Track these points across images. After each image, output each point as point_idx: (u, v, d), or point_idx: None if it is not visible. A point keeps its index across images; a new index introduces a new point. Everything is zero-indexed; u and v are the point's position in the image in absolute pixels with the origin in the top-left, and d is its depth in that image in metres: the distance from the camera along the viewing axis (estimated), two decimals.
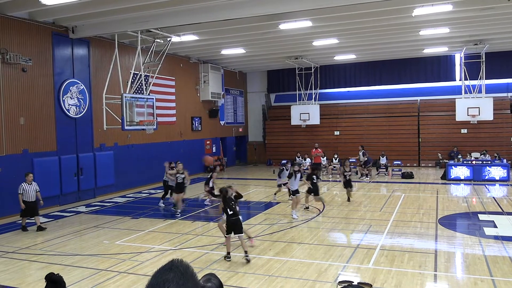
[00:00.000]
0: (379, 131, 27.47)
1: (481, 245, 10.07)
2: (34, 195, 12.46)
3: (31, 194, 12.38)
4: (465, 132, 25.64)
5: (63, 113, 16.34)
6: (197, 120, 25.55)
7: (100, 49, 18.07)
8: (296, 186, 14.04)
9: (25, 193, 12.29)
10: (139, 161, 20.19)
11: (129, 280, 8.27)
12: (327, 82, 29.03)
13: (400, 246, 10.26)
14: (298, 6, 13.32)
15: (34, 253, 10.23)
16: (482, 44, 21.49)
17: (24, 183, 12.38)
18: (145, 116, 16.38)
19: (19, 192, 12.26)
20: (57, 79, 16.16)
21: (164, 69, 20.00)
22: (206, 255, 9.82)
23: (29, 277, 8.60)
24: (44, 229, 12.38)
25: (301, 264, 8.93)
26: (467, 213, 13.89)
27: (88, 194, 17.50)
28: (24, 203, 12.22)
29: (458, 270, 8.64)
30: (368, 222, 12.63)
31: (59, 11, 14.46)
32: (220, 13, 14.09)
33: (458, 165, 21.01)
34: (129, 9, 14.06)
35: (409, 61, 26.83)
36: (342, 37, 19.88)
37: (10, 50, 14.20)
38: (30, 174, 12.69)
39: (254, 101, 32.30)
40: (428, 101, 27.44)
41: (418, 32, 18.99)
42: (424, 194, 17.34)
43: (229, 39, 19.84)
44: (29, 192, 12.35)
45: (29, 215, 12.44)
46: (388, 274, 8.18)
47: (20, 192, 12.26)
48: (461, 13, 15.67)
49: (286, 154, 27.52)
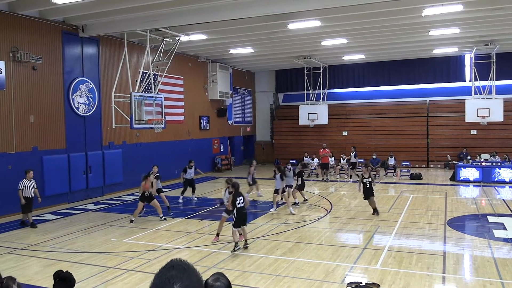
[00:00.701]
0: (388, 132, 27.34)
1: (490, 247, 9.99)
2: (33, 191, 12.70)
3: (30, 191, 12.62)
4: (474, 133, 25.43)
5: (72, 111, 16.46)
6: (205, 119, 25.59)
7: (109, 47, 18.17)
8: (279, 185, 14.35)
9: (26, 189, 12.51)
10: (147, 160, 20.23)
11: (137, 278, 8.31)
12: (336, 82, 28.95)
13: (408, 247, 10.20)
14: (306, 6, 13.32)
15: (43, 250, 10.32)
16: (492, 45, 21.30)
17: (24, 180, 12.58)
18: (154, 114, 16.43)
19: (20, 188, 12.46)
20: (67, 77, 16.27)
21: (172, 68, 20.06)
22: (213, 254, 9.83)
23: (38, 274, 8.66)
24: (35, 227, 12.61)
25: (309, 264, 8.91)
26: (476, 215, 13.78)
27: (97, 192, 17.61)
28: (24, 199, 12.44)
29: (467, 273, 8.58)
30: (376, 223, 12.57)
31: (69, 10, 14.57)
32: (229, 13, 14.11)
33: (467, 167, 20.84)
34: (139, 8, 14.13)
35: (418, 62, 26.66)
36: (351, 37, 19.80)
37: (21, 49, 14.32)
38: (31, 171, 12.87)
39: (262, 101, 32.30)
40: (437, 102, 27.26)
41: (427, 32, 18.87)
42: (432, 195, 17.23)
43: (238, 39, 19.85)
44: (29, 188, 12.58)
45: (29, 210, 12.67)
46: (396, 276, 8.14)
47: (20, 188, 12.45)
48: (471, 13, 15.54)
49: (294, 154, 27.47)
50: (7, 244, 10.91)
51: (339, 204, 15.66)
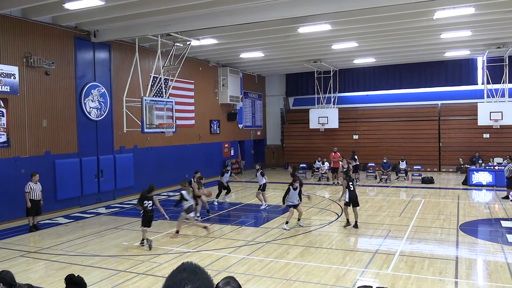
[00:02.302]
0: (399, 136, 27.15)
1: (504, 252, 9.86)
2: (39, 194, 12.85)
3: (37, 193, 12.78)
4: (487, 137, 25.14)
5: (84, 115, 16.62)
6: (215, 123, 25.67)
7: (121, 52, 18.33)
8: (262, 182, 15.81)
9: (32, 192, 12.67)
10: (158, 164, 20.38)
11: (148, 281, 8.34)
12: (346, 85, 28.85)
13: (420, 252, 10.11)
14: (317, 9, 13.31)
15: (55, 253, 10.41)
16: (505, 47, 21.08)
17: (31, 182, 12.74)
18: (165, 119, 16.54)
19: (26, 190, 12.62)
20: (79, 82, 16.45)
21: (183, 73, 20.16)
22: (224, 258, 9.84)
23: (50, 277, 8.74)
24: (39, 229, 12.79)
25: (319, 269, 8.87)
26: (489, 219, 13.61)
27: (108, 196, 17.73)
28: (30, 201, 12.59)
29: (480, 278, 8.47)
30: (387, 227, 12.48)
31: (81, 16, 14.74)
32: (239, 17, 14.17)
33: (480, 171, 20.62)
34: (150, 13, 14.25)
35: (429, 65, 26.48)
36: (361, 41, 19.74)
37: (34, 54, 14.52)
38: (37, 174, 13.01)
39: (273, 105, 32.31)
40: (449, 105, 27.03)
41: (439, 35, 18.73)
42: (444, 199, 17.06)
43: (248, 43, 19.90)
44: (35, 191, 12.74)
45: (34, 213, 12.81)
46: (407, 280, 8.07)
47: (27, 191, 12.60)
48: (483, 16, 15.40)
49: (304, 158, 27.44)
50: (19, 247, 11.03)
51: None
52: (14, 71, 13.89)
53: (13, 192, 13.76)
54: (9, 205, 13.74)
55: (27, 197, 12.58)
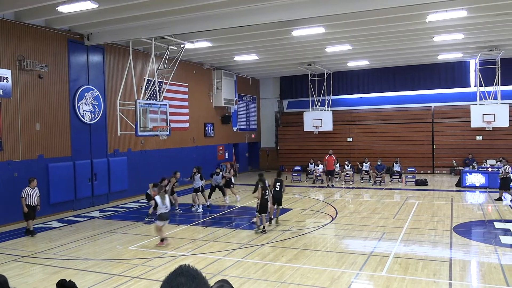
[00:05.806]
0: (393, 138, 27.27)
1: (497, 253, 9.91)
2: (36, 199, 12.70)
3: (34, 199, 12.62)
4: (480, 139, 25.31)
5: (78, 119, 16.55)
6: (210, 126, 25.65)
7: (114, 55, 18.29)
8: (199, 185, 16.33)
9: (29, 197, 12.51)
10: (152, 167, 20.29)
11: (142, 285, 8.31)
12: (340, 88, 28.94)
13: (414, 254, 10.14)
14: (310, 12, 13.36)
15: (48, 258, 10.33)
16: (497, 50, 21.25)
17: (27, 188, 12.58)
18: (159, 122, 16.51)
19: (23, 196, 12.46)
20: (73, 85, 16.38)
21: (177, 76, 20.15)
22: (219, 261, 9.82)
23: (43, 281, 8.67)
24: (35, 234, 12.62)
25: (314, 271, 8.87)
26: (483, 221, 13.68)
27: (102, 199, 17.65)
28: (27, 207, 12.44)
29: (474, 279, 8.51)
30: (382, 230, 12.52)
31: (75, 19, 14.69)
32: (233, 20, 14.18)
33: (473, 172, 20.74)
34: (144, 17, 14.24)
35: (423, 67, 26.64)
36: (355, 43, 19.83)
37: (27, 57, 14.45)
38: (35, 179, 12.87)
39: (267, 107, 32.34)
40: (442, 108, 27.19)
41: (432, 38, 18.85)
42: (438, 201, 17.13)
43: (242, 46, 19.93)
44: (32, 196, 12.58)
45: (31, 218, 12.65)
46: (402, 282, 8.09)
47: (23, 196, 12.45)
48: (475, 19, 15.53)
49: (299, 161, 27.47)
50: (12, 251, 10.94)
51: (344, 210, 15.61)
52: (7, 75, 13.82)
53: (6, 196, 13.67)
54: (1, 209, 13.63)
55: (23, 202, 12.41)
